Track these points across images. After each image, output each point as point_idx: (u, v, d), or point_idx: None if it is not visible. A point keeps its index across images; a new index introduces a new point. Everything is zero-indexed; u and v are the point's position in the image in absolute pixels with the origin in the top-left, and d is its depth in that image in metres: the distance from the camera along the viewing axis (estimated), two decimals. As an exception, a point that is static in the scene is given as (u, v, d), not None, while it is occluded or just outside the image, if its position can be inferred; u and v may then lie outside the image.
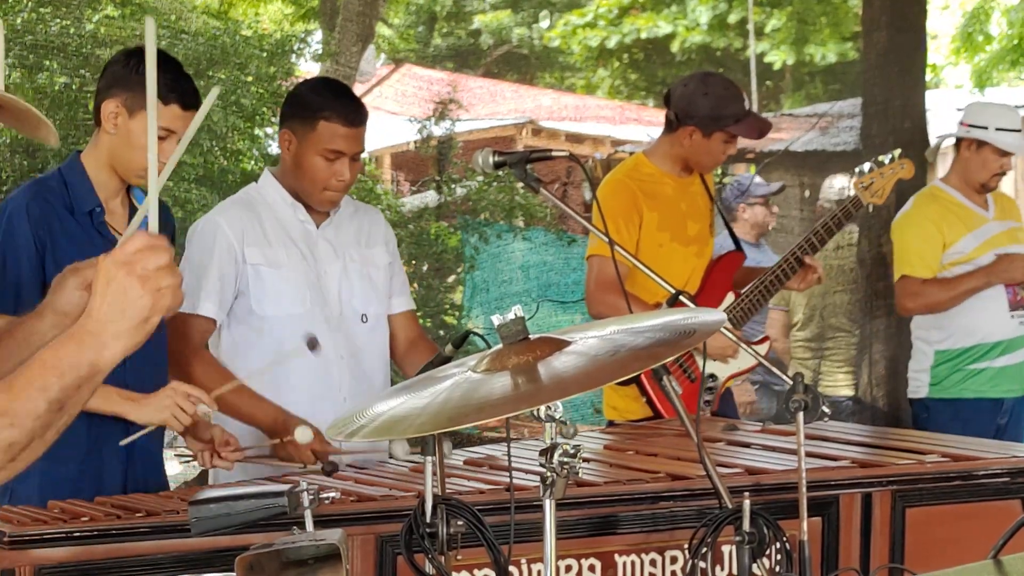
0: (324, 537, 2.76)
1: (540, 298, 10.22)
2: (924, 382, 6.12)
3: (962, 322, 6.02)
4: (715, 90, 5.08)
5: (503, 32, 18.30)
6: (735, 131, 5.06)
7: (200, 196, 8.99)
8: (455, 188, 10.95)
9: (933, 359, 6.10)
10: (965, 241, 6.03)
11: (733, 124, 5.04)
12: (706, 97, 5.04)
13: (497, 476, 3.77)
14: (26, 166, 8.65)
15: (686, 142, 5.08)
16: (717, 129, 5.03)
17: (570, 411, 8.30)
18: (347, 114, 4.28)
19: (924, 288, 5.99)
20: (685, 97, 5.08)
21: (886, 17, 8.79)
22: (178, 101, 3.85)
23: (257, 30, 11.29)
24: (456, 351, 3.39)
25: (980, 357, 6.04)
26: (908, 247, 6.05)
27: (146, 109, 3.81)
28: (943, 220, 6.04)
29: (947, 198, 6.10)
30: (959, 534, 3.95)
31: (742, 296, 5.17)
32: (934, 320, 6.06)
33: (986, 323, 6.03)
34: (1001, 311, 6.04)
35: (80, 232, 3.88)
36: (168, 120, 3.85)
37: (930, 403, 6.09)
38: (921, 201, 6.13)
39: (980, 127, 6.09)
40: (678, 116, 5.08)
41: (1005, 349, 6.06)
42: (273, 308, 4.28)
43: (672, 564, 3.70)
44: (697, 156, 5.11)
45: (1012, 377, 6.12)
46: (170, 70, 3.89)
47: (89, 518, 3.36)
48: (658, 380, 3.44)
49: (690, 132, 5.06)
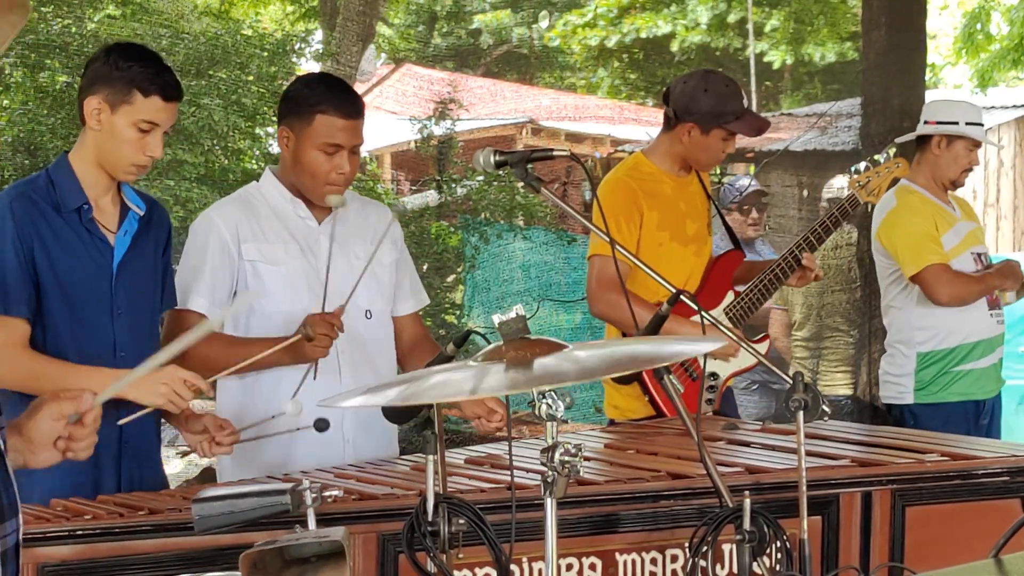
0: (328, 535, 2.77)
1: (541, 297, 10.22)
2: (908, 387, 6.06)
3: (945, 323, 5.99)
4: (715, 87, 5.09)
5: (503, 32, 18.28)
6: (734, 128, 5.06)
7: (201, 195, 8.99)
8: (455, 188, 10.95)
9: (916, 362, 6.05)
10: (946, 238, 6.03)
11: (733, 121, 5.04)
12: (706, 94, 5.05)
13: (498, 475, 3.78)
14: (27, 165, 8.65)
15: (684, 139, 5.08)
16: (716, 126, 5.04)
17: (571, 410, 8.28)
18: (343, 107, 4.29)
19: (958, 279, 5.93)
20: (686, 94, 5.08)
21: (885, 17, 8.79)
22: (159, 93, 3.89)
23: (258, 30, 11.30)
24: (458, 350, 3.41)
25: (963, 358, 6.01)
26: (916, 238, 5.97)
27: (129, 103, 3.85)
28: (929, 214, 6.04)
29: (921, 196, 6.09)
30: (959, 533, 3.96)
31: (741, 295, 5.19)
32: (918, 320, 6.02)
33: (968, 323, 6.01)
34: (981, 311, 6.04)
35: (68, 230, 3.90)
36: (150, 113, 3.88)
37: (916, 409, 6.04)
38: (904, 196, 6.08)
39: (950, 123, 6.09)
40: (677, 113, 5.09)
41: (985, 349, 6.05)
42: (272, 305, 4.28)
43: (673, 563, 3.70)
44: (695, 153, 5.11)
45: (992, 377, 6.12)
46: (151, 63, 3.92)
47: (92, 516, 3.37)
48: (659, 379, 3.45)
49: (688, 129, 5.07)
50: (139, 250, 4.03)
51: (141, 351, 4.02)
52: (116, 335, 3.94)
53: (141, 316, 4.03)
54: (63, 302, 3.89)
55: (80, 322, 3.89)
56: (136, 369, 2.73)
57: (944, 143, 6.08)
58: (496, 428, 4.20)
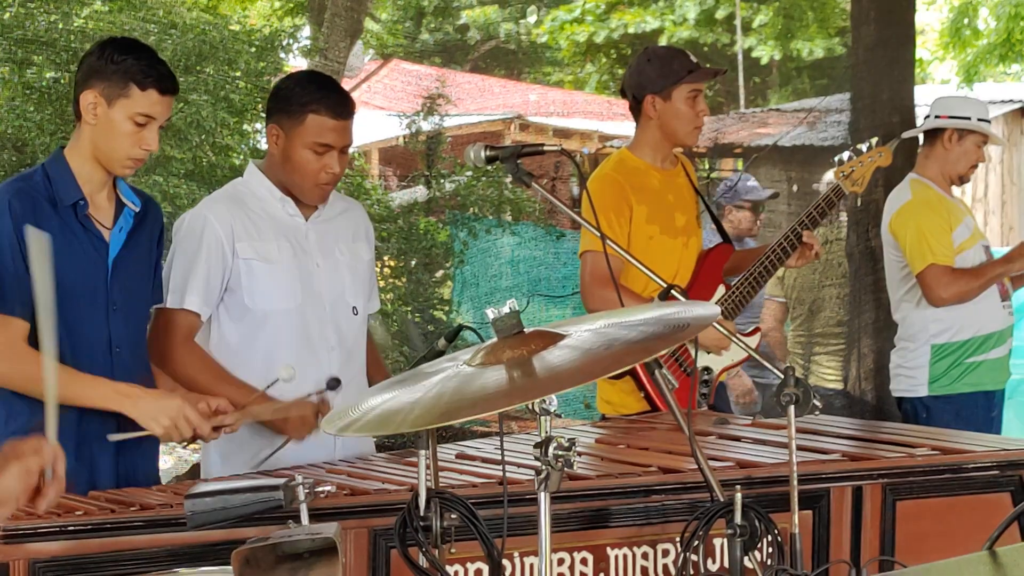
0: (320, 531, 2.77)
1: (530, 292, 10.22)
2: (922, 380, 6.05)
3: (960, 314, 6.00)
4: (658, 54, 5.23)
5: (491, 27, 18.27)
6: (689, 80, 5.08)
7: (189, 191, 8.97)
8: (444, 183, 10.94)
9: (931, 354, 6.06)
10: (958, 232, 6.04)
11: (687, 75, 5.08)
12: (650, 63, 5.14)
13: (490, 470, 3.78)
14: (15, 161, 8.63)
15: (652, 114, 5.11)
16: (672, 85, 5.06)
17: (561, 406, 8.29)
18: (335, 107, 4.29)
19: (957, 277, 5.94)
20: (635, 73, 5.17)
21: (874, 12, 8.79)
22: (156, 86, 3.89)
23: (246, 25, 11.28)
24: (449, 345, 3.42)
25: (976, 349, 6.03)
26: (925, 236, 5.97)
27: (126, 96, 3.85)
28: (943, 209, 6.05)
29: (936, 191, 6.11)
30: (949, 527, 3.97)
31: (732, 288, 5.19)
32: (932, 313, 6.03)
33: (981, 315, 6.03)
34: (994, 303, 6.05)
35: (64, 225, 3.89)
36: (146, 106, 3.88)
37: (929, 401, 6.04)
38: (920, 190, 6.10)
39: (963, 118, 6.10)
40: (635, 95, 5.13)
41: (997, 340, 6.07)
42: (266, 303, 4.28)
43: (664, 557, 3.71)
44: (669, 124, 5.12)
45: (1002, 368, 6.14)
46: (144, 56, 3.92)
47: (83, 512, 3.36)
48: (651, 373, 3.45)
49: (651, 103, 5.10)
50: (134, 246, 4.02)
51: (136, 346, 4.03)
52: (112, 331, 3.94)
53: (137, 312, 4.03)
54: (58, 298, 3.87)
55: (76, 318, 3.88)
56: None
57: (955, 138, 6.09)
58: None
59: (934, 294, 5.96)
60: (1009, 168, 15.78)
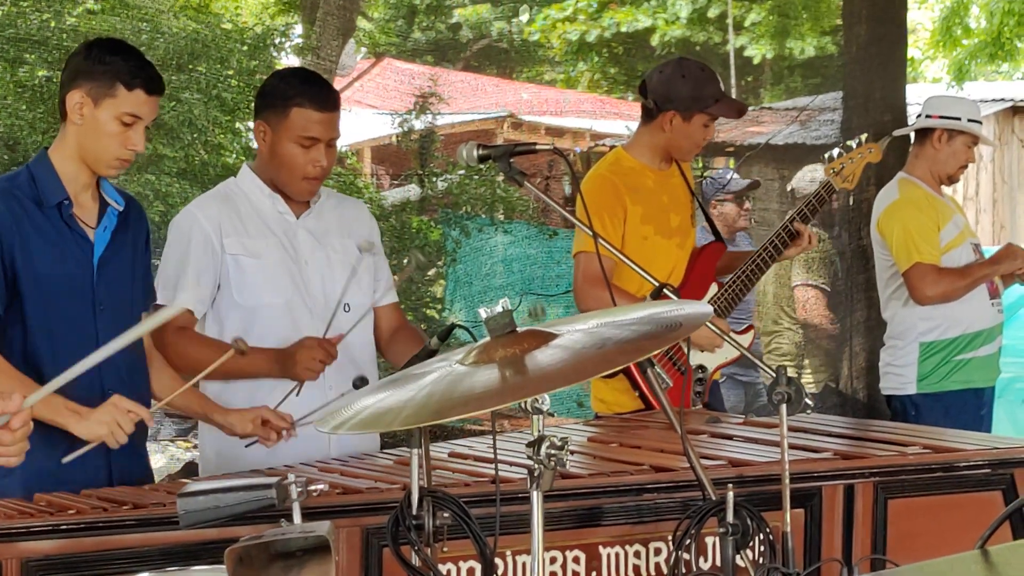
0: (313, 529, 2.77)
1: (523, 291, 10.21)
2: (910, 378, 6.07)
3: (949, 312, 6.01)
4: (692, 73, 5.11)
5: (483, 26, 18.26)
6: (715, 111, 5.07)
7: (181, 190, 8.95)
8: (436, 182, 10.93)
9: (919, 352, 6.07)
10: (946, 231, 6.05)
11: (713, 104, 5.06)
12: (684, 80, 5.06)
13: (482, 468, 3.78)
14: (7, 160, 8.61)
15: (667, 128, 5.09)
16: (697, 111, 5.05)
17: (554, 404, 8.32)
18: (319, 100, 4.30)
19: (943, 276, 5.96)
20: (664, 83, 5.09)
21: (866, 11, 8.80)
22: (143, 86, 3.90)
23: (237, 24, 11.26)
24: (442, 344, 3.42)
25: (965, 347, 6.05)
26: (911, 234, 5.99)
27: (112, 96, 3.84)
28: (931, 208, 6.06)
29: (924, 190, 6.12)
30: (941, 525, 3.98)
31: (725, 286, 5.20)
32: (921, 311, 6.04)
33: (970, 312, 6.04)
34: (983, 301, 6.06)
35: (49, 225, 3.90)
36: (133, 106, 3.88)
37: (918, 399, 6.06)
38: (908, 189, 6.11)
39: (953, 118, 6.11)
40: (657, 103, 5.10)
41: (987, 338, 6.08)
42: (254, 298, 4.30)
43: (656, 556, 3.71)
44: (678, 141, 5.11)
45: (992, 366, 6.15)
46: (131, 57, 3.93)
47: (76, 511, 3.36)
48: (643, 372, 3.46)
49: (670, 118, 5.08)
50: (119, 245, 4.02)
51: (125, 347, 4.01)
52: (99, 330, 3.93)
53: (123, 311, 4.02)
54: (43, 299, 3.87)
55: (61, 318, 3.88)
56: (52, 382, 2.63)
57: (945, 137, 6.10)
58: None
59: (920, 292, 5.99)
60: (1000, 167, 15.79)
